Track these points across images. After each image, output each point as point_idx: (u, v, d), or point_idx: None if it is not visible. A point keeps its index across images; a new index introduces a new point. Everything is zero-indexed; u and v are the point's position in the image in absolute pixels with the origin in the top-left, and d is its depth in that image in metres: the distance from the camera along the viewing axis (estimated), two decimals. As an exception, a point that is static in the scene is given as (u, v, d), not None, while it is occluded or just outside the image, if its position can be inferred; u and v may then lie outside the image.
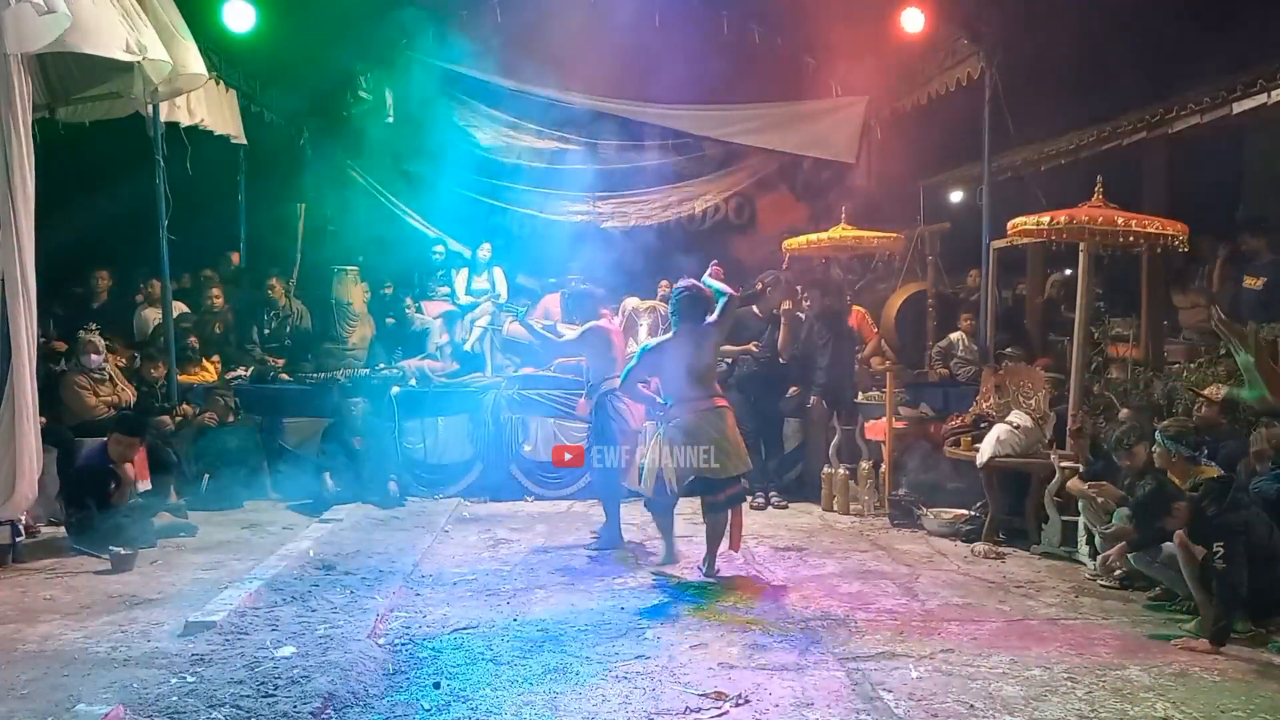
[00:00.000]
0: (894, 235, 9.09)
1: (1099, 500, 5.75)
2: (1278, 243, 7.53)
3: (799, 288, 8.85)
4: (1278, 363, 5.73)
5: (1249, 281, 7.49)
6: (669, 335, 5.91)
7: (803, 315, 8.33)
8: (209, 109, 8.78)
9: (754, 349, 8.08)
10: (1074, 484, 5.97)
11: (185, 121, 8.24)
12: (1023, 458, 6.57)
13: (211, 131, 8.93)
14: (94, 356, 7.52)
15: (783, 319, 8.14)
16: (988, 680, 4.04)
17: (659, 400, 5.93)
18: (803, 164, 11.18)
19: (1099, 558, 5.49)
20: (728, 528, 5.82)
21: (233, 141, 9.60)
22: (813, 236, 9.00)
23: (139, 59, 6.14)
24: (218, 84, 9.02)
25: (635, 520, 7.35)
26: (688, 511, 6.51)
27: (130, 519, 6.34)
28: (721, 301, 5.82)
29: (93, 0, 5.63)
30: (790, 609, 5.05)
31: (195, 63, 6.97)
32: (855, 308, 9.03)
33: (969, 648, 4.45)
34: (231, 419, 7.98)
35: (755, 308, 8.32)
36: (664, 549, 6.09)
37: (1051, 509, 6.34)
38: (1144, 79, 7.81)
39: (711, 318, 5.82)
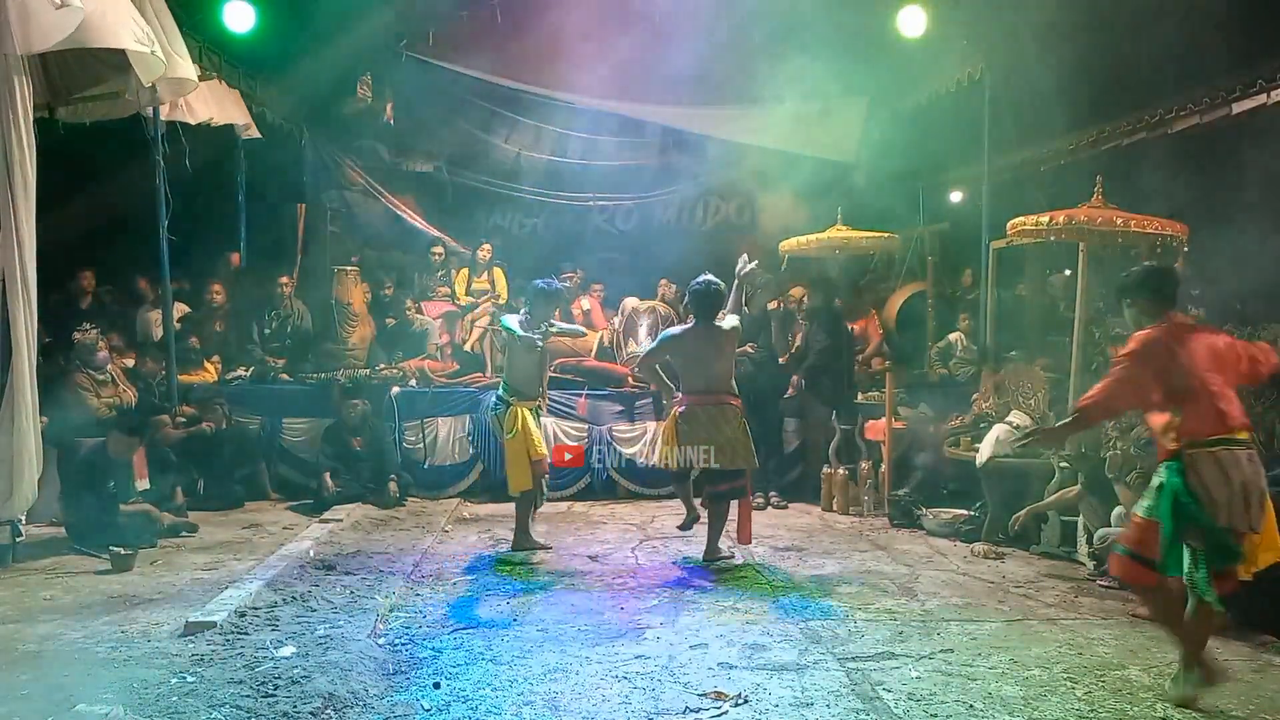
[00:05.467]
0: (888, 235, 9.09)
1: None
2: None
3: (794, 290, 8.87)
4: None
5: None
6: (688, 326, 6.09)
7: (800, 316, 8.35)
8: (215, 105, 8.77)
9: (751, 350, 8.09)
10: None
11: (190, 121, 8.23)
12: (1023, 458, 6.56)
13: (217, 128, 8.92)
14: (100, 355, 7.52)
15: (773, 319, 8.18)
16: (988, 680, 4.04)
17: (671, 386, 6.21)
18: (803, 164, 11.18)
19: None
20: (727, 519, 6.06)
21: (245, 136, 9.58)
22: (809, 237, 9.01)
23: (149, 50, 6.09)
24: (220, 82, 9.02)
25: (635, 520, 7.37)
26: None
27: (130, 519, 6.35)
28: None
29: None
30: (790, 609, 5.05)
31: (186, 68, 6.94)
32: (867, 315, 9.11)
33: (969, 648, 4.45)
34: (225, 425, 7.96)
35: (745, 306, 8.34)
36: (685, 513, 6.24)
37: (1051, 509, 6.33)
38: (1144, 79, 7.81)
39: (731, 321, 6.02)
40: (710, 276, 6.06)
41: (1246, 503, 3.66)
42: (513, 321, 6.19)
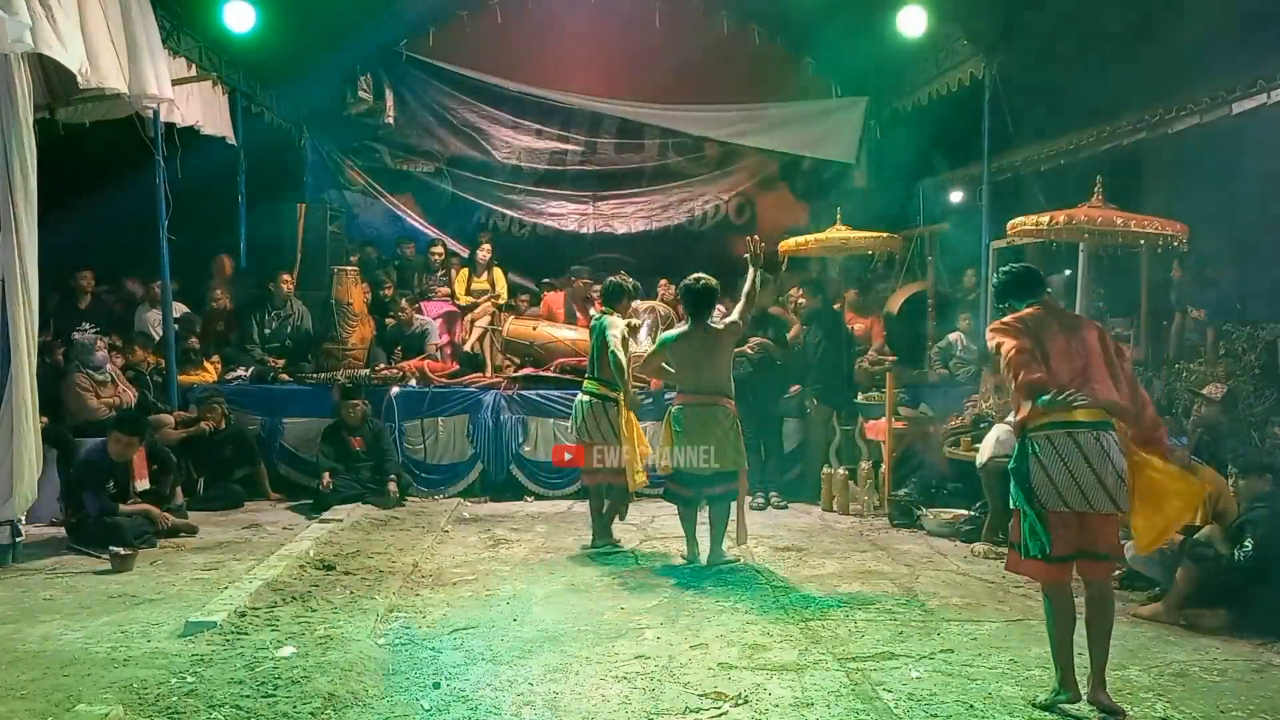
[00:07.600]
0: (887, 235, 9.10)
1: None
2: None
3: (793, 290, 8.87)
4: None
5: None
6: (684, 328, 6.07)
7: (795, 316, 8.36)
8: (204, 111, 8.77)
9: (750, 350, 8.09)
10: None
11: (180, 123, 8.24)
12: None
13: (207, 134, 8.93)
14: (99, 355, 7.52)
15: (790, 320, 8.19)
16: (988, 680, 4.04)
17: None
18: (803, 164, 11.20)
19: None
20: (728, 520, 6.01)
21: (227, 142, 9.60)
22: (809, 237, 9.00)
23: (88, 84, 6.15)
24: (214, 86, 9.02)
25: (635, 520, 7.37)
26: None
27: (130, 519, 6.35)
28: (739, 306, 6.01)
29: (53, 14, 5.56)
30: (790, 609, 5.05)
31: (161, 85, 6.92)
32: (874, 315, 9.11)
33: (969, 648, 4.45)
34: (225, 425, 7.95)
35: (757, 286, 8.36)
36: (686, 547, 6.14)
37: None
38: (1144, 79, 7.82)
39: (730, 317, 5.98)
40: (701, 274, 6.02)
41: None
42: (618, 332, 6.15)
